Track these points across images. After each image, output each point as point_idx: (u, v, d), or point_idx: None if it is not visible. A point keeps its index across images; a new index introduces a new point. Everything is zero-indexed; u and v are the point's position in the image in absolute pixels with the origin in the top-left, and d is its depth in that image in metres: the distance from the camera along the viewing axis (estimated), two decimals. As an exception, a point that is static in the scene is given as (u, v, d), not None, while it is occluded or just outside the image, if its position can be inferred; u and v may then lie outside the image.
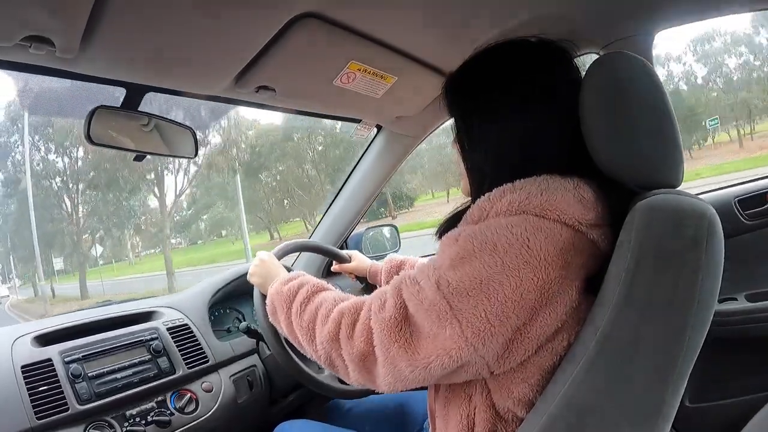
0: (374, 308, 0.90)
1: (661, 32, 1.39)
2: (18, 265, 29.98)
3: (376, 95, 1.50)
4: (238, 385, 1.59)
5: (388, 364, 0.86)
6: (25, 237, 23.79)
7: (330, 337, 0.95)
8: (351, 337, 0.92)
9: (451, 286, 0.81)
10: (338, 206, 2.12)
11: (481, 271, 0.79)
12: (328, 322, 0.96)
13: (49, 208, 24.42)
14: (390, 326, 0.86)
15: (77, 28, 0.89)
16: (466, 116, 0.99)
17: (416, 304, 0.84)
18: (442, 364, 0.81)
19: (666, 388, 0.77)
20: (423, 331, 0.83)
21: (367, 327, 0.90)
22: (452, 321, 0.80)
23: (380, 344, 0.87)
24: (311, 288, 1.09)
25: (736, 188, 1.74)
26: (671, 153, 0.85)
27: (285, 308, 1.09)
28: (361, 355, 0.90)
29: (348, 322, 0.93)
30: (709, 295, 0.75)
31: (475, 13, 1.23)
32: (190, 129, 1.41)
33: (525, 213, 0.82)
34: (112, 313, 1.56)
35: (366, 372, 0.92)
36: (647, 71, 0.87)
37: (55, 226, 25.12)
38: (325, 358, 0.98)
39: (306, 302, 1.06)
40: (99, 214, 25.86)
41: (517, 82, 0.92)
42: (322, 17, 1.10)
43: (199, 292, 1.79)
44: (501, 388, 0.86)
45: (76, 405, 1.23)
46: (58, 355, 1.30)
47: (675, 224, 0.74)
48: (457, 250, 0.83)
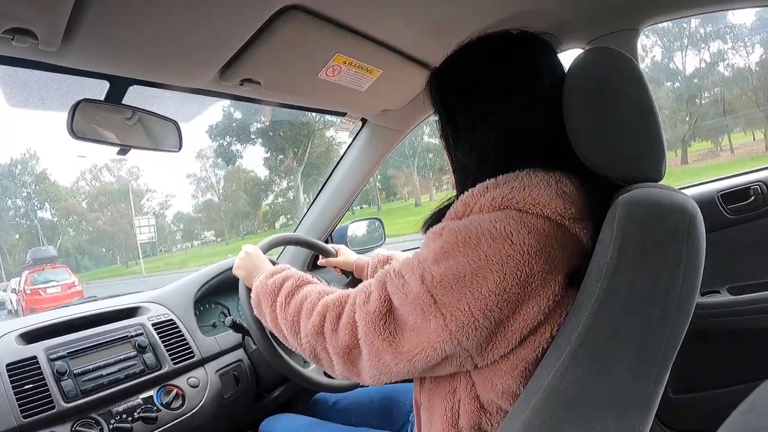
0: (359, 301, 0.91)
1: (646, 28, 1.40)
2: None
3: (362, 88, 1.50)
4: (225, 380, 1.59)
5: (372, 357, 0.87)
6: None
7: (315, 330, 0.96)
8: (335, 330, 0.92)
9: (435, 279, 0.81)
10: (323, 200, 2.12)
11: (465, 265, 0.80)
12: (313, 315, 0.97)
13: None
14: (374, 319, 0.86)
15: (60, 20, 0.88)
16: (450, 112, 0.99)
17: (401, 297, 0.85)
18: (426, 357, 0.82)
19: (649, 379, 0.78)
20: (407, 325, 0.84)
21: (351, 320, 0.90)
22: (436, 314, 0.80)
23: (365, 337, 0.87)
24: (296, 281, 1.09)
25: (719, 183, 1.75)
26: (654, 147, 0.85)
27: (270, 301, 1.10)
28: (346, 348, 0.91)
29: (333, 315, 0.94)
30: (690, 287, 0.76)
31: (461, 8, 1.24)
32: (174, 122, 1.39)
33: (508, 208, 0.83)
34: (97, 309, 1.55)
35: (350, 365, 0.92)
36: (631, 66, 0.88)
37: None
38: (310, 351, 0.99)
39: (291, 295, 1.06)
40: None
41: (498, 76, 0.93)
42: (308, 10, 1.10)
43: (184, 287, 1.78)
44: (485, 380, 0.86)
45: (62, 403, 1.23)
46: (44, 353, 1.29)
47: (656, 217, 0.75)
48: (441, 244, 0.83)
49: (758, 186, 1.66)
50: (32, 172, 41.51)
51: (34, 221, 41.42)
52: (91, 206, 44.20)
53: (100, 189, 44.16)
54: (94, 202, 44.08)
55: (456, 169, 1.01)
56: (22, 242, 40.52)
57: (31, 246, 39.33)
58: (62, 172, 68.17)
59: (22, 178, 41.46)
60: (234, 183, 41.41)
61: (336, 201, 2.11)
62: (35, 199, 41.67)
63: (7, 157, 49.69)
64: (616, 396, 0.78)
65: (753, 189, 1.66)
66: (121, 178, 44.35)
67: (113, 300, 1.69)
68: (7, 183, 41.22)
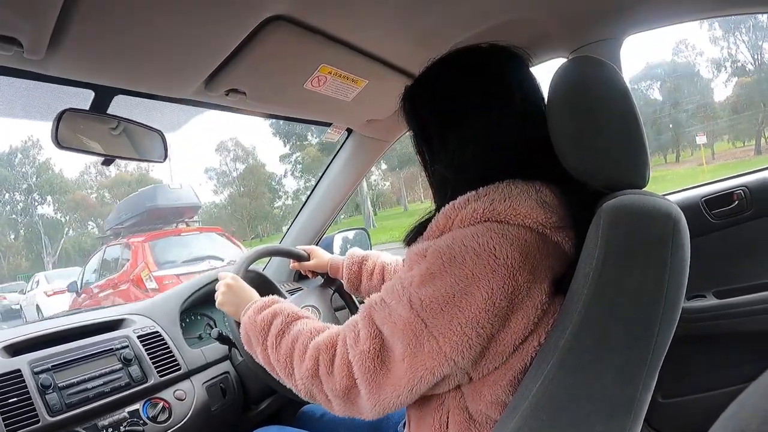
0: (349, 342, 0.90)
1: (629, 37, 1.42)
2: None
3: (347, 98, 1.51)
4: (211, 393, 1.57)
5: (372, 395, 0.86)
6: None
7: (310, 374, 0.94)
8: (331, 373, 0.91)
9: (424, 303, 0.81)
10: (308, 211, 2.12)
11: (452, 285, 0.80)
12: (306, 360, 0.95)
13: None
14: (368, 358, 0.86)
15: (46, 28, 0.88)
16: (425, 128, 1.00)
17: (390, 327, 0.84)
18: (426, 383, 0.82)
19: (637, 384, 0.78)
20: (402, 354, 0.83)
21: (345, 362, 0.89)
22: (429, 338, 0.80)
23: (361, 377, 0.86)
24: (285, 318, 1.07)
25: (702, 189, 1.77)
26: (637, 154, 0.86)
27: (260, 340, 1.08)
28: (345, 390, 0.90)
29: (326, 358, 0.93)
30: (676, 292, 0.77)
31: (446, 19, 1.25)
32: (159, 132, 1.39)
33: (489, 221, 0.83)
34: (81, 321, 1.53)
35: (350, 404, 0.92)
36: (613, 75, 0.88)
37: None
38: (306, 393, 0.98)
39: (281, 335, 1.04)
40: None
41: (470, 89, 0.94)
42: (293, 20, 1.10)
43: (169, 299, 1.76)
44: (474, 391, 0.86)
45: (46, 416, 1.21)
46: (27, 366, 1.28)
47: (641, 224, 0.75)
48: (427, 266, 0.83)
49: (741, 191, 1.68)
50: (33, 163, 36.81)
51: (35, 217, 36.85)
52: (101, 199, 39.80)
53: (115, 179, 40.27)
54: (107, 193, 39.93)
55: (434, 183, 1.02)
56: (19, 241, 36.33)
57: (30, 245, 35.35)
58: (68, 161, 64.74)
59: (22, 169, 36.91)
60: (253, 180, 39.64)
61: (322, 211, 2.11)
62: (36, 192, 36.52)
63: (6, 145, 44.25)
64: (605, 401, 0.78)
65: (736, 194, 1.68)
66: (139, 166, 38.11)
67: (98, 312, 1.67)
68: (5, 173, 35.96)
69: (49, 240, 35.66)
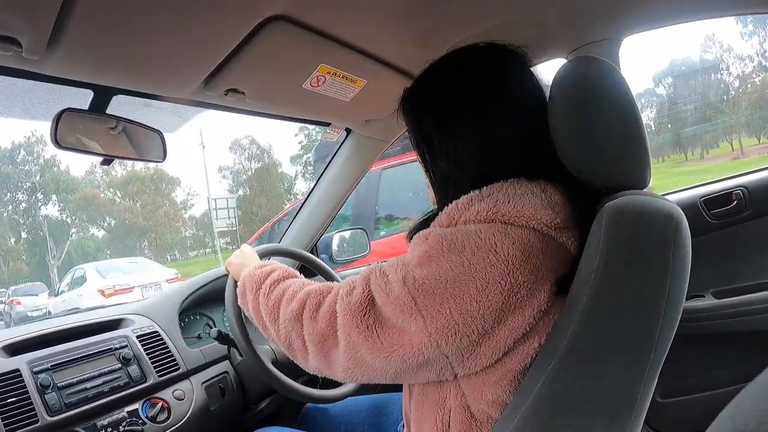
0: (342, 293, 0.91)
1: (628, 37, 1.42)
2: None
3: (346, 98, 1.50)
4: (210, 393, 1.57)
5: (349, 349, 0.87)
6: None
7: (293, 315, 0.96)
8: (314, 318, 0.93)
9: (417, 282, 0.81)
10: (307, 211, 2.11)
11: (447, 270, 0.80)
12: (293, 302, 0.98)
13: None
14: (354, 310, 0.87)
15: (44, 28, 0.87)
16: (423, 127, 0.99)
17: (382, 296, 0.85)
18: (403, 355, 0.82)
19: (638, 385, 0.79)
20: (388, 322, 0.84)
21: (331, 310, 0.91)
22: (416, 316, 0.80)
23: (343, 327, 0.88)
24: (283, 272, 1.12)
25: (701, 189, 1.77)
26: (638, 155, 0.86)
27: (254, 289, 1.11)
28: (322, 337, 0.91)
29: (313, 302, 0.94)
30: (677, 293, 0.77)
31: (445, 19, 1.24)
32: (158, 132, 1.38)
33: (493, 221, 0.83)
34: (80, 321, 1.53)
35: (323, 356, 0.93)
36: (614, 74, 0.88)
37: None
38: (285, 338, 0.99)
39: (276, 283, 1.08)
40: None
41: (468, 89, 0.93)
42: (292, 20, 1.10)
43: (168, 298, 1.76)
44: (475, 390, 0.86)
45: (45, 416, 1.21)
46: (26, 365, 1.27)
47: (643, 224, 0.75)
48: (426, 248, 0.83)
49: (740, 191, 1.68)
50: (37, 160, 35.12)
51: (38, 218, 35.39)
52: (112, 197, 38.41)
53: (128, 175, 38.59)
54: (119, 190, 38.41)
55: (435, 183, 1.02)
56: (21, 245, 34.80)
57: (32, 248, 34.02)
58: (75, 157, 63.51)
59: (24, 167, 35.29)
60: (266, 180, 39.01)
61: (321, 211, 2.10)
62: (40, 191, 34.98)
63: (8, 141, 40.82)
64: (606, 402, 0.78)
65: (735, 194, 1.68)
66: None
67: (97, 312, 1.66)
68: (8, 170, 34.29)
69: (54, 242, 34.44)
